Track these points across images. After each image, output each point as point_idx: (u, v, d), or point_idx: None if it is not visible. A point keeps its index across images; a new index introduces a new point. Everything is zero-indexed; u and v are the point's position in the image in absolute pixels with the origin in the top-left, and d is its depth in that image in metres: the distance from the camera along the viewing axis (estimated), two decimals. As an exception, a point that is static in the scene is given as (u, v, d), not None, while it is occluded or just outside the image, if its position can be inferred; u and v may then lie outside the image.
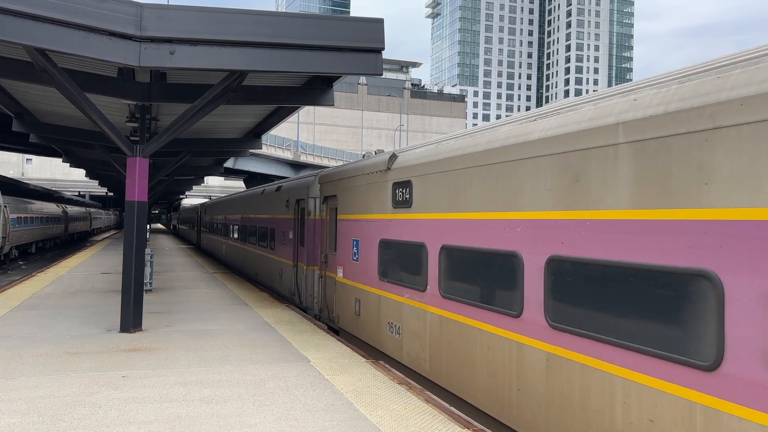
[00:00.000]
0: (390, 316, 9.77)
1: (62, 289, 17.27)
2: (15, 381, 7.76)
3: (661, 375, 4.63)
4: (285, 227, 16.88)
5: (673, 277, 4.58)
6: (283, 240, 17.01)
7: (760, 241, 3.98)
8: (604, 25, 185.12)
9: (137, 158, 11.27)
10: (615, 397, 5.04)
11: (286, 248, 16.59)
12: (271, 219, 18.90)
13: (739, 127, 4.13)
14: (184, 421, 6.34)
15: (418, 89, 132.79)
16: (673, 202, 4.61)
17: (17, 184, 46.87)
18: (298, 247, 15.47)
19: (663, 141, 4.70)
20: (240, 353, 9.53)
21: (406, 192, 9.20)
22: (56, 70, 9.74)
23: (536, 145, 6.18)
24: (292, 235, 16.06)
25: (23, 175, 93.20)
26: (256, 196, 21.60)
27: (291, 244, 16.07)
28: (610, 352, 5.11)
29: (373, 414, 6.65)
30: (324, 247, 13.58)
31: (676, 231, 4.56)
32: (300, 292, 15.22)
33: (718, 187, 4.27)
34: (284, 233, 16.92)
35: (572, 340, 5.56)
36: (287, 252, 16.53)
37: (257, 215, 21.19)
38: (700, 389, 4.32)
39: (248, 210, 23.04)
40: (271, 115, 16.46)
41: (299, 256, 15.43)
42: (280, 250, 17.41)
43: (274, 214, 18.41)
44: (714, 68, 4.72)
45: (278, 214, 17.78)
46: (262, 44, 9.36)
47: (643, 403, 4.76)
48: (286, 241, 16.56)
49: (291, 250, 16.09)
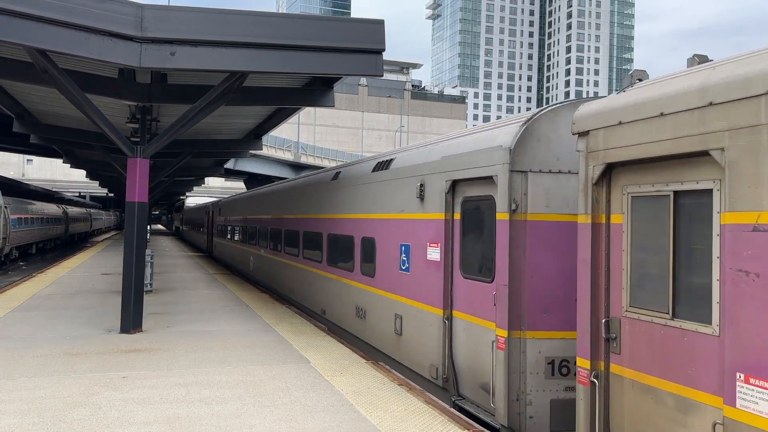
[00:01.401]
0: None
1: (62, 289, 17.27)
2: (15, 381, 7.76)
3: None
4: (412, 238, 9.05)
5: None
6: (403, 262, 9.31)
7: None
8: (605, 27, 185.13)
9: (137, 159, 11.28)
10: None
11: (414, 279, 8.95)
12: (364, 222, 10.99)
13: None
14: (184, 422, 6.34)
15: (419, 90, 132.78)
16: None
17: (18, 184, 46.87)
18: (454, 279, 8.02)
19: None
20: (240, 354, 9.53)
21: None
22: (57, 70, 9.74)
23: None
24: (437, 253, 8.30)
25: (24, 176, 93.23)
26: (325, 185, 13.50)
27: (433, 271, 8.36)
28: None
29: (373, 415, 6.65)
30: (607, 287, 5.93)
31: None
32: (458, 369, 7.81)
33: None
34: (405, 250, 9.27)
35: None
36: (416, 286, 8.87)
37: (325, 216, 13.29)
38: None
39: (300, 207, 15.42)
40: (272, 116, 16.47)
41: (456, 296, 7.94)
42: (391, 280, 9.74)
43: (378, 213, 10.41)
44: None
45: (391, 213, 9.89)
46: (263, 45, 9.37)
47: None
48: (416, 264, 8.89)
49: (432, 284, 8.38)
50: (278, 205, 18.05)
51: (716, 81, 4.32)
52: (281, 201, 17.69)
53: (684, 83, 4.62)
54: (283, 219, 17.19)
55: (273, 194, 18.87)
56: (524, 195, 6.68)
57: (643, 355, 4.95)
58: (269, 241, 18.97)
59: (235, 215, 26.03)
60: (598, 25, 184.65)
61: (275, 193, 18.61)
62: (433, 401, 7.18)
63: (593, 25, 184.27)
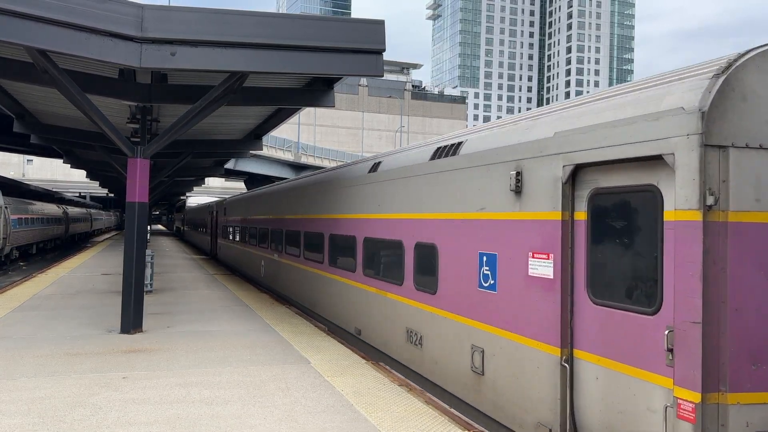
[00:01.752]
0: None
1: (63, 290, 17.26)
2: (15, 382, 7.76)
3: None
4: (501, 245, 6.95)
5: None
6: (486, 278, 7.20)
7: None
8: (605, 27, 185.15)
9: (138, 159, 11.28)
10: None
11: (505, 301, 6.81)
12: (418, 224, 8.97)
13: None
14: (184, 423, 6.33)
15: (419, 91, 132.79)
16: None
17: (18, 185, 46.84)
18: (577, 305, 5.86)
19: None
20: (240, 354, 9.53)
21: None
22: (57, 71, 9.74)
23: None
24: (547, 268, 6.17)
25: (24, 176, 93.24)
26: (360, 179, 11.33)
27: (540, 292, 6.22)
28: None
29: (374, 415, 6.65)
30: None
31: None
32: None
33: None
34: (489, 261, 7.15)
35: None
36: (508, 311, 6.75)
37: (359, 216, 11.23)
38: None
39: (325, 206, 13.27)
40: (272, 117, 16.47)
41: (582, 329, 5.82)
42: (464, 300, 7.63)
43: (441, 212, 8.30)
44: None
45: (463, 212, 7.77)
46: (263, 45, 9.36)
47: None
48: (508, 280, 6.79)
49: (539, 309, 6.23)
50: (297, 204, 15.63)
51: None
52: (301, 199, 15.32)
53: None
54: (302, 220, 14.99)
55: (291, 191, 16.58)
56: (723, 183, 4.53)
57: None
58: (285, 245, 16.86)
59: (244, 215, 23.76)
60: (599, 25, 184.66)
61: (294, 190, 16.20)
62: (433, 402, 7.18)
63: (593, 25, 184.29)
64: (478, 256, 7.28)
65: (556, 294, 5.90)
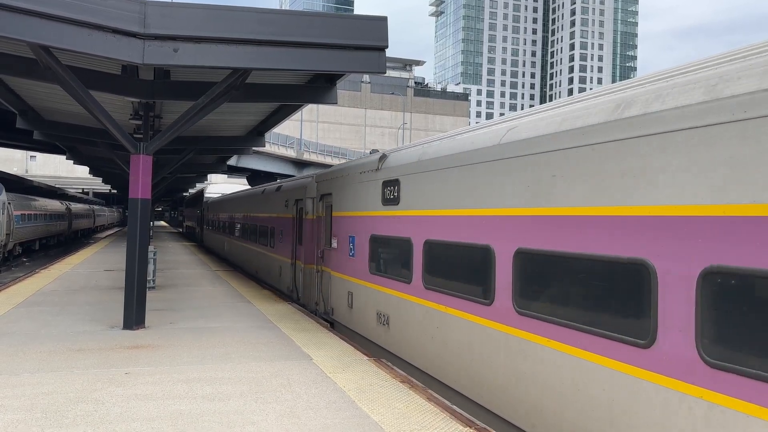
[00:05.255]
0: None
1: (66, 286, 17.31)
2: (19, 377, 7.79)
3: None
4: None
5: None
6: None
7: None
8: (608, 24, 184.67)
9: (141, 155, 11.29)
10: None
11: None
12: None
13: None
14: (186, 418, 6.35)
15: (422, 87, 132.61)
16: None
17: (21, 181, 46.96)
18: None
19: None
20: (243, 351, 9.55)
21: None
22: (60, 67, 9.75)
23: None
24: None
25: (27, 172, 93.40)
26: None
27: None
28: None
29: (375, 412, 6.66)
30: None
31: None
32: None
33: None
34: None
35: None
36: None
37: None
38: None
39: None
40: (275, 113, 16.46)
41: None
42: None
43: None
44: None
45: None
46: (266, 42, 9.36)
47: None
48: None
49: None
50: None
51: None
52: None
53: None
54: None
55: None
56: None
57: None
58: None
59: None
60: (602, 23, 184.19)
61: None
62: (435, 398, 7.19)
63: (597, 22, 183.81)
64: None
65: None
